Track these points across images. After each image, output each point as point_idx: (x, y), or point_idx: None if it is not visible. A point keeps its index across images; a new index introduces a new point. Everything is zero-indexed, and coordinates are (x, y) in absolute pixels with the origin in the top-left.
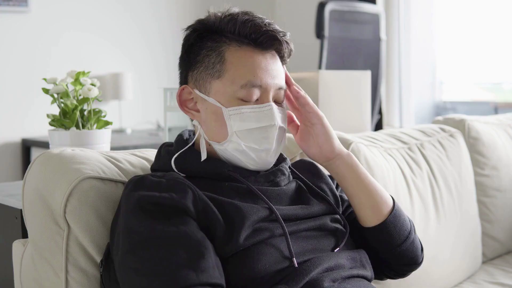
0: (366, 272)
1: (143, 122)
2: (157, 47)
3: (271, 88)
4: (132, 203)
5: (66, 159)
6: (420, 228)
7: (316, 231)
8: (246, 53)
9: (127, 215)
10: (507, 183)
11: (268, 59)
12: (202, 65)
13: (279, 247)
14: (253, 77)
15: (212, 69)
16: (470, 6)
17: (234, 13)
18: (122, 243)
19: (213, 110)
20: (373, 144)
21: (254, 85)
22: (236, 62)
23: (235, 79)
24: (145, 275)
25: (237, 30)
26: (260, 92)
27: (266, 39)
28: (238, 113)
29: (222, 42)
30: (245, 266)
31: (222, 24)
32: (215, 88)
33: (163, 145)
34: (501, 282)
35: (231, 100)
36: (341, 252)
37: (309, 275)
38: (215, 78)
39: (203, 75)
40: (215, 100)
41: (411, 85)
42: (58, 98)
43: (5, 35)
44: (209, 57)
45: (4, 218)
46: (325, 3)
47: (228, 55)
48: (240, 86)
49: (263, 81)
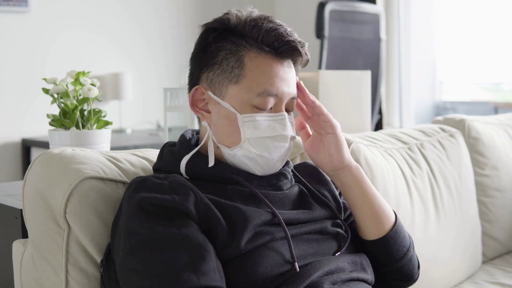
0: (366, 275)
1: (143, 122)
2: (157, 47)
3: (286, 97)
4: (133, 205)
5: (66, 159)
6: (420, 228)
7: (318, 234)
8: (266, 61)
9: (129, 217)
10: (507, 183)
11: (285, 68)
12: (219, 67)
13: (281, 250)
14: (270, 86)
15: (230, 73)
16: (470, 6)
17: (257, 19)
18: (123, 244)
19: (226, 115)
20: (373, 144)
21: (271, 94)
22: (255, 69)
23: (252, 86)
24: (146, 276)
25: (260, 38)
26: (275, 101)
27: (288, 49)
28: (252, 120)
29: (242, 46)
30: (246, 270)
31: (245, 29)
32: (231, 93)
33: (166, 144)
34: (501, 282)
35: (246, 107)
36: (342, 256)
37: (309, 279)
38: (233, 83)
39: (220, 78)
40: (230, 105)
41: (411, 85)
42: (58, 98)
43: (5, 35)
44: (228, 60)
45: (4, 218)
46: (325, 3)
47: (247, 60)
48: (257, 94)
49: (280, 91)
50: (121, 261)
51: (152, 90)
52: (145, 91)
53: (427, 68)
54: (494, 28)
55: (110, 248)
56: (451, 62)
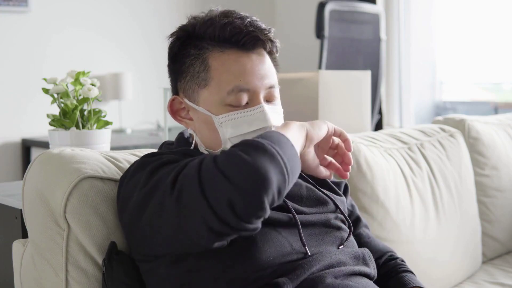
0: (369, 269)
1: (143, 122)
2: (157, 47)
3: (260, 89)
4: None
5: (66, 158)
6: (420, 228)
7: (321, 227)
8: (230, 57)
9: (136, 169)
10: (507, 183)
11: (254, 60)
12: (188, 74)
13: (288, 238)
14: (239, 82)
15: (198, 78)
16: (470, 6)
17: (213, 16)
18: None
19: (204, 119)
20: (373, 144)
21: (242, 90)
22: (220, 68)
23: (221, 85)
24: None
25: (217, 35)
26: (249, 95)
27: (249, 40)
28: (229, 119)
29: (204, 48)
30: (249, 256)
31: (202, 29)
32: (203, 97)
33: (164, 143)
34: (501, 282)
35: (220, 107)
36: (344, 250)
37: (310, 270)
38: (202, 87)
39: (190, 85)
40: (205, 109)
41: (411, 85)
42: (58, 98)
43: (5, 35)
44: (194, 66)
45: (4, 218)
46: (325, 3)
47: (212, 61)
48: (227, 92)
49: (251, 84)
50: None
51: (152, 90)
52: (145, 91)
53: (427, 68)
54: (494, 28)
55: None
56: (451, 62)
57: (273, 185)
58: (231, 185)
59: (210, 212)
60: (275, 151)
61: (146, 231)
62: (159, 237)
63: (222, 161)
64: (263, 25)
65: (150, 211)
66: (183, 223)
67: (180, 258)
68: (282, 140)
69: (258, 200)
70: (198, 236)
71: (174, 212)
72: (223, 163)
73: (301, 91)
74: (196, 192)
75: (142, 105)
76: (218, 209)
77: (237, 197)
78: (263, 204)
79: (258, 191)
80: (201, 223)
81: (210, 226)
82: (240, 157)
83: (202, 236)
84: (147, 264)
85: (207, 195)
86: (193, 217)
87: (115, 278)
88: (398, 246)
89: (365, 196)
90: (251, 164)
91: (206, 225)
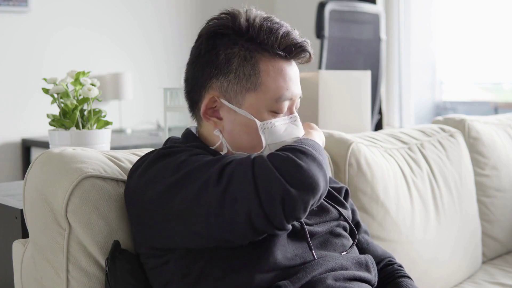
0: (370, 276)
1: (143, 122)
2: (157, 46)
3: (296, 98)
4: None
5: (67, 158)
6: (420, 228)
7: (325, 235)
8: (278, 65)
9: (154, 160)
10: (507, 183)
11: (293, 69)
12: (234, 75)
13: (292, 244)
14: (286, 91)
15: (246, 81)
16: (470, 6)
17: (271, 23)
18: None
19: (244, 123)
20: (373, 144)
21: (286, 98)
22: (271, 75)
23: (270, 92)
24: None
25: (277, 43)
26: (289, 104)
27: (300, 52)
28: (271, 126)
29: (256, 52)
30: (255, 259)
31: (261, 34)
32: (249, 101)
33: (169, 139)
34: (501, 282)
35: (263, 113)
36: (347, 255)
37: (312, 274)
38: (251, 91)
39: (236, 87)
40: (248, 113)
41: (411, 85)
42: (58, 98)
43: (5, 35)
44: (244, 68)
45: (4, 218)
46: (325, 3)
47: (262, 66)
48: (275, 99)
49: (294, 93)
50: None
51: (152, 90)
52: (145, 91)
53: (427, 68)
54: (494, 28)
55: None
56: (451, 62)
57: (320, 191)
58: (286, 185)
59: (258, 207)
60: (321, 161)
61: (167, 220)
62: (185, 226)
63: (278, 163)
64: (303, 37)
65: (181, 199)
66: (225, 214)
67: (189, 256)
68: (322, 152)
69: (307, 203)
70: (234, 230)
71: (216, 202)
72: (279, 164)
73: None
74: (248, 186)
75: (142, 105)
76: (268, 205)
77: (290, 196)
78: (307, 207)
79: (309, 194)
80: (245, 217)
81: (252, 221)
82: (295, 161)
83: (239, 229)
84: (155, 259)
85: (260, 190)
86: (238, 211)
87: (119, 277)
88: (398, 246)
89: (365, 196)
90: (306, 169)
91: (249, 219)
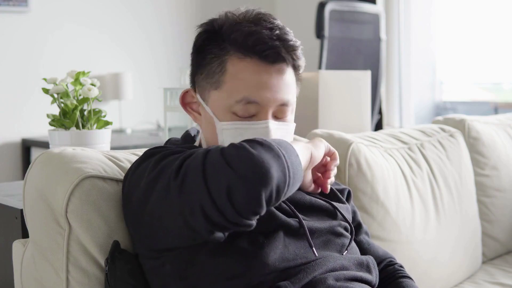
0: (370, 277)
1: (143, 122)
2: (157, 46)
3: (270, 105)
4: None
5: (67, 158)
6: (420, 228)
7: (326, 234)
8: (248, 66)
9: (142, 160)
10: (507, 183)
11: (272, 74)
12: (204, 71)
13: (293, 245)
14: (249, 94)
15: (212, 79)
16: (470, 6)
17: (243, 20)
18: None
19: (209, 120)
20: (373, 144)
21: (250, 101)
22: (236, 75)
23: (231, 93)
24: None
25: (240, 41)
26: (258, 108)
27: (271, 54)
28: (230, 128)
29: (226, 50)
30: (255, 260)
31: (228, 32)
32: (212, 98)
33: (169, 140)
34: (501, 282)
35: (226, 113)
36: (348, 256)
37: (313, 274)
38: (213, 89)
39: (204, 83)
40: (211, 111)
41: (411, 85)
42: (58, 98)
43: (5, 35)
44: (212, 65)
45: (4, 218)
46: (325, 3)
47: (229, 65)
48: (236, 101)
49: (261, 98)
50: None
51: (152, 90)
52: (145, 91)
53: (427, 68)
54: (494, 28)
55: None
56: (451, 62)
57: (273, 181)
58: (233, 173)
59: (208, 198)
60: (281, 153)
61: (151, 219)
62: (162, 225)
63: (229, 151)
64: (293, 39)
65: (155, 196)
66: (183, 208)
67: (185, 258)
68: (289, 148)
69: (257, 193)
70: (196, 224)
71: (176, 197)
72: (229, 153)
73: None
74: (198, 178)
75: (142, 105)
76: (216, 196)
77: (236, 185)
78: (260, 198)
79: (258, 183)
80: (199, 210)
81: (207, 214)
82: (246, 149)
83: (199, 224)
84: (152, 261)
85: (208, 181)
86: (192, 203)
87: (119, 278)
88: (398, 246)
89: (365, 196)
90: (256, 156)
91: (203, 212)
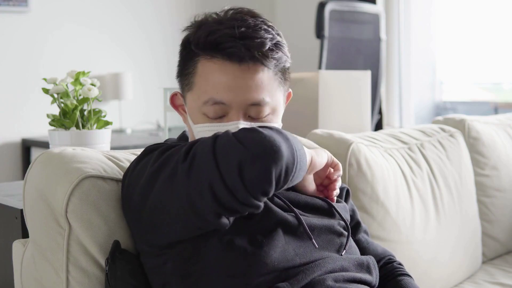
0: (370, 278)
1: (143, 122)
2: (157, 46)
3: (237, 105)
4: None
5: (67, 158)
6: (420, 229)
7: (325, 232)
8: (215, 67)
9: (142, 156)
10: (507, 183)
11: (240, 73)
12: (183, 73)
13: (292, 244)
14: (215, 94)
15: (186, 80)
16: (470, 6)
17: (215, 19)
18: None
19: (189, 121)
20: (373, 144)
21: (217, 102)
22: (203, 76)
23: (200, 94)
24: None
25: (202, 41)
26: (227, 109)
27: (235, 53)
28: (202, 130)
29: (197, 51)
30: (255, 260)
31: (200, 33)
32: (188, 101)
33: (166, 141)
34: (501, 282)
35: (199, 115)
36: (348, 256)
37: (312, 276)
38: (187, 91)
39: (183, 85)
40: (189, 114)
41: (411, 85)
42: (58, 98)
43: (5, 35)
44: (186, 67)
45: (4, 218)
46: (325, 3)
47: (199, 66)
48: (203, 102)
49: (227, 99)
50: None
51: (152, 90)
52: (145, 91)
53: (427, 68)
54: (494, 28)
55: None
56: (451, 62)
57: (283, 159)
58: (244, 149)
59: (218, 175)
60: (290, 137)
61: (154, 211)
62: (165, 215)
63: (239, 133)
64: (263, 37)
65: (159, 184)
66: (191, 190)
67: (187, 256)
68: (295, 137)
69: (268, 169)
70: (203, 207)
71: (184, 179)
72: (240, 134)
73: (301, 91)
74: (208, 157)
75: (142, 105)
76: (227, 173)
77: (248, 160)
78: (270, 175)
79: (270, 159)
80: (208, 189)
81: (215, 194)
82: (257, 130)
83: (207, 205)
84: (153, 259)
85: (218, 158)
86: (201, 183)
87: (119, 278)
88: (398, 246)
89: (365, 196)
90: (267, 136)
91: (212, 192)
